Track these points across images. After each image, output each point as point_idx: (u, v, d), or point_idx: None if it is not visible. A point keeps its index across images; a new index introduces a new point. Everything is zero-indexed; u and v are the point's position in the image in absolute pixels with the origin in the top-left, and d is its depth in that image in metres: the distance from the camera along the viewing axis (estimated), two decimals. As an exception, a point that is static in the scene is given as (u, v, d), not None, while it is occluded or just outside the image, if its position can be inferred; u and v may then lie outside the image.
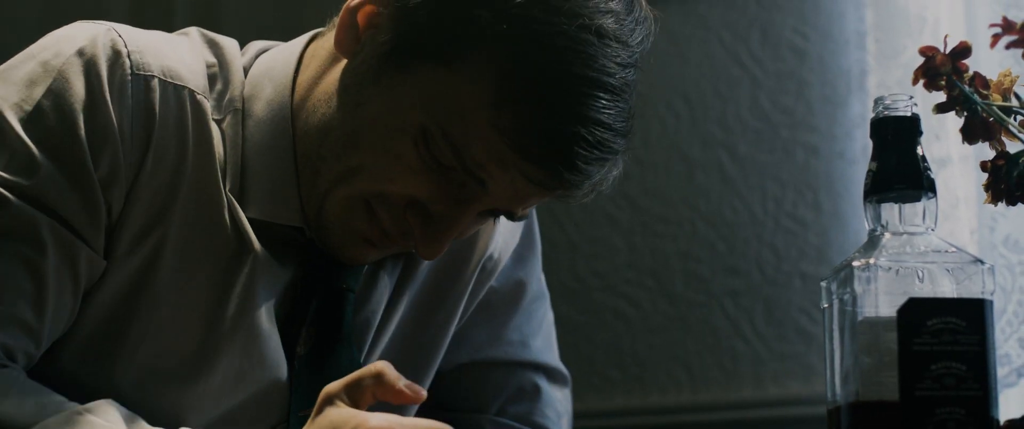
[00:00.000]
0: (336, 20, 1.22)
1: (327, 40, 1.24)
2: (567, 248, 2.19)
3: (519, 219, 1.24)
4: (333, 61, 1.22)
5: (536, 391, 1.41)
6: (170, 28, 1.27)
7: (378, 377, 1.02)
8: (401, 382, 1.02)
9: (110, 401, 1.10)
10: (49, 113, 1.14)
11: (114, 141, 1.15)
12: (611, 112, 1.13)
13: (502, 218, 1.25)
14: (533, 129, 1.12)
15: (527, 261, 1.42)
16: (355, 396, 1.02)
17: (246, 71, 1.25)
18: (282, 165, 1.21)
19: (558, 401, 1.44)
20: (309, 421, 0.98)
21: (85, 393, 1.12)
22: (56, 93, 1.14)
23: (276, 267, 1.22)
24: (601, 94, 1.12)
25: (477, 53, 1.13)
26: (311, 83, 1.23)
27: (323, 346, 1.26)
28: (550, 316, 1.46)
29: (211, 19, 2.36)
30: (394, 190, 1.17)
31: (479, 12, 1.12)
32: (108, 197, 1.15)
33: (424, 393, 1.01)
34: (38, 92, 1.14)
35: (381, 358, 1.32)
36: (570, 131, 1.12)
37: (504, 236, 1.39)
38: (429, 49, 1.15)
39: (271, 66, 1.25)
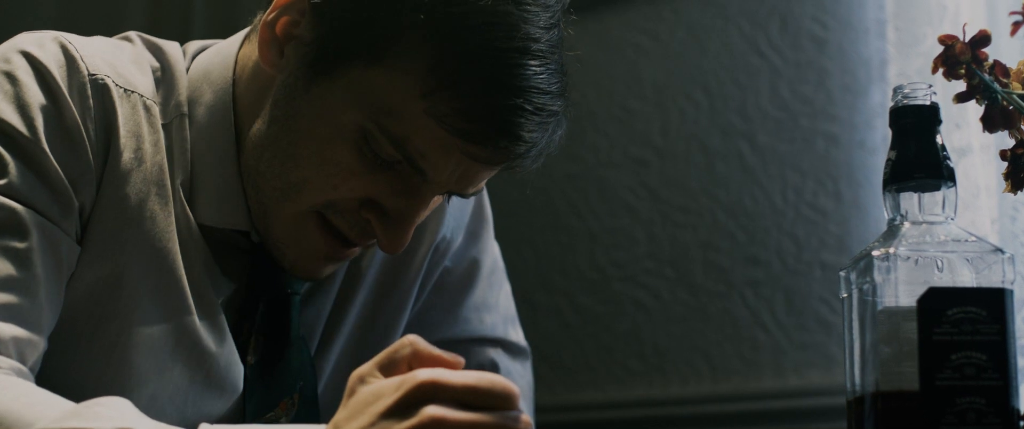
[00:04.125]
0: (258, 29, 1.22)
1: (255, 47, 1.24)
2: (586, 238, 2.19)
3: (470, 196, 1.24)
4: (263, 71, 1.22)
5: (494, 367, 1.41)
6: (189, 28, 1.28)
7: (413, 349, 0.97)
8: (435, 350, 0.96)
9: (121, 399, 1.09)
10: (9, 116, 1.15)
11: (81, 142, 1.17)
12: (544, 76, 1.14)
13: (453, 199, 1.26)
14: (469, 110, 1.12)
15: (480, 238, 1.43)
16: (390, 372, 0.98)
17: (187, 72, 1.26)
18: (226, 170, 1.22)
19: (518, 375, 1.44)
20: (342, 405, 0.96)
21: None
22: (12, 97, 1.16)
23: (222, 275, 1.24)
24: (530, 61, 1.13)
25: (401, 45, 1.13)
26: (245, 92, 1.24)
27: (271, 353, 1.27)
28: (507, 289, 1.47)
29: (230, 19, 2.37)
30: (342, 196, 1.18)
31: (396, 4, 1.13)
32: (79, 196, 1.17)
33: (462, 360, 0.96)
34: None
35: (338, 349, 1.34)
36: (507, 104, 1.13)
37: (455, 216, 1.40)
38: (354, 49, 1.15)
39: (209, 70, 1.25)
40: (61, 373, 1.17)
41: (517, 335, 1.46)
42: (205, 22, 2.38)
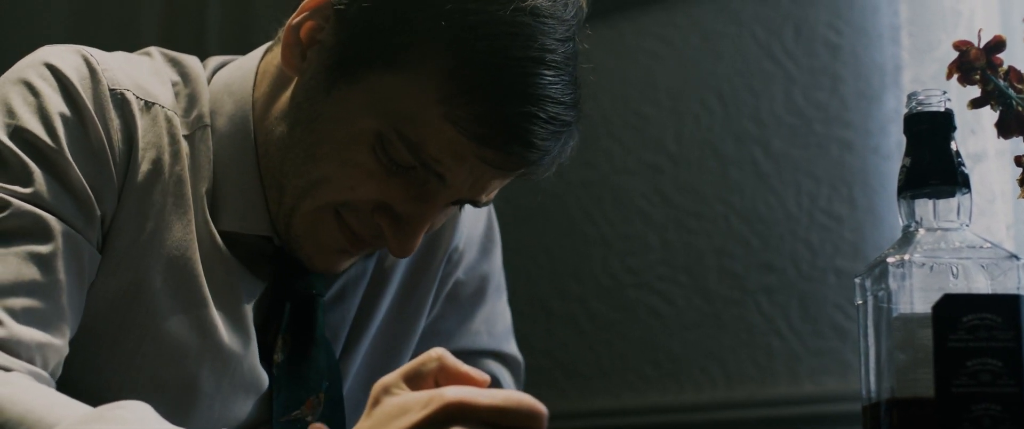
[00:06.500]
0: (282, 34, 1.25)
1: (276, 55, 1.27)
2: (600, 245, 2.19)
3: (484, 205, 1.27)
4: (284, 77, 1.26)
5: (496, 382, 1.45)
6: (203, 42, 1.30)
7: (441, 363, 0.95)
8: (463, 366, 0.95)
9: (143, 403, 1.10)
10: (33, 126, 1.17)
11: (103, 153, 1.19)
12: (558, 86, 1.17)
13: (465, 209, 1.31)
14: (486, 116, 1.15)
15: (490, 253, 1.47)
16: (416, 385, 0.95)
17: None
18: (248, 178, 1.25)
19: (514, 387, 1.48)
20: (365, 415, 0.95)
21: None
22: (36, 107, 1.18)
23: (250, 278, 1.27)
24: (545, 71, 1.16)
25: (420, 52, 1.16)
26: (267, 100, 1.27)
27: (298, 351, 1.30)
28: (506, 302, 1.51)
29: (244, 35, 2.37)
30: (358, 197, 1.21)
31: (417, 13, 1.16)
32: (101, 205, 1.19)
33: (488, 378, 0.95)
34: (19, 108, 1.18)
35: (362, 352, 1.37)
36: (522, 111, 1.16)
37: (468, 228, 1.44)
38: (374, 55, 1.18)
39: (230, 82, 1.28)
40: (82, 380, 1.19)
41: (514, 348, 1.50)
42: (219, 38, 2.39)
